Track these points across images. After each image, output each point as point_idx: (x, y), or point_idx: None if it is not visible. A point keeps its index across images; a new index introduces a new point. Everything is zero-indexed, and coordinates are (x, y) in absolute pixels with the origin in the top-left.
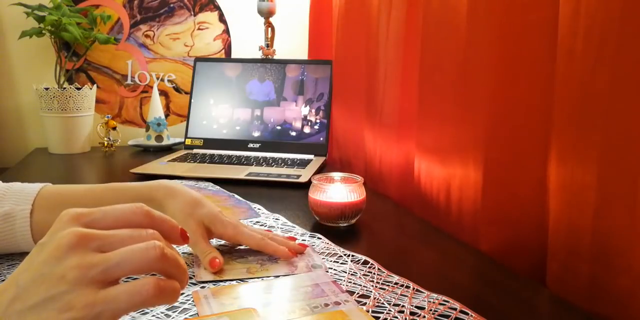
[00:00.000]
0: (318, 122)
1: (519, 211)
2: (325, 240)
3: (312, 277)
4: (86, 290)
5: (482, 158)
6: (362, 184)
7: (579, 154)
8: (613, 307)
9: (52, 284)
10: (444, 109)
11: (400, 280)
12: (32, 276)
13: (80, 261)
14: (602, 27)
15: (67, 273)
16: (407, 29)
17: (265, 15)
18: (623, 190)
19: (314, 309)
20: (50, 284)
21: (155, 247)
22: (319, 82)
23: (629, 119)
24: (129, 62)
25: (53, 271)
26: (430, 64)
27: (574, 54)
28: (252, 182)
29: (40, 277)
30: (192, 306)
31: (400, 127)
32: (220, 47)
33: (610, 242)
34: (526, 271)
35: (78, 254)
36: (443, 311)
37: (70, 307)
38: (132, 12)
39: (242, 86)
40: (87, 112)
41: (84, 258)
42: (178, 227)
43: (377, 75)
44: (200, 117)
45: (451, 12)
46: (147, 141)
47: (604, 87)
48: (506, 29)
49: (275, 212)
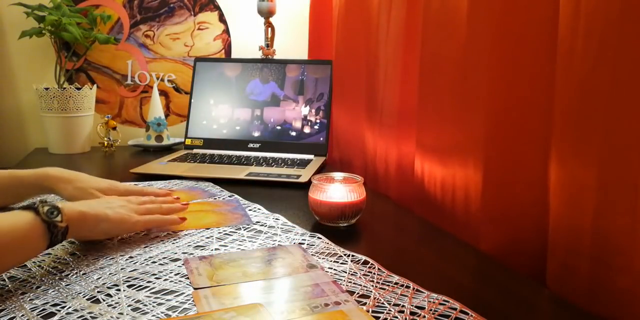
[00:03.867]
0: (318, 122)
1: (519, 211)
2: (325, 240)
3: (312, 277)
4: (133, 211)
5: (482, 158)
6: (362, 184)
7: (579, 153)
8: (613, 306)
9: (121, 203)
10: (444, 109)
11: (400, 280)
12: (108, 200)
13: (132, 203)
14: (602, 27)
15: (126, 204)
16: (407, 29)
17: (265, 15)
18: (623, 190)
19: (314, 309)
20: (120, 203)
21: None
22: (319, 82)
23: (629, 119)
24: (129, 62)
25: (120, 201)
26: (430, 64)
27: (574, 54)
28: (252, 182)
29: (111, 201)
30: (192, 306)
31: (400, 127)
32: (220, 47)
33: (610, 241)
34: (526, 271)
35: (130, 202)
36: (443, 311)
37: (130, 209)
38: (132, 12)
39: (242, 86)
40: (87, 112)
41: (133, 204)
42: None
43: (377, 75)
44: (200, 117)
45: (451, 12)
46: (147, 141)
47: (604, 87)
48: (506, 29)
49: (275, 212)
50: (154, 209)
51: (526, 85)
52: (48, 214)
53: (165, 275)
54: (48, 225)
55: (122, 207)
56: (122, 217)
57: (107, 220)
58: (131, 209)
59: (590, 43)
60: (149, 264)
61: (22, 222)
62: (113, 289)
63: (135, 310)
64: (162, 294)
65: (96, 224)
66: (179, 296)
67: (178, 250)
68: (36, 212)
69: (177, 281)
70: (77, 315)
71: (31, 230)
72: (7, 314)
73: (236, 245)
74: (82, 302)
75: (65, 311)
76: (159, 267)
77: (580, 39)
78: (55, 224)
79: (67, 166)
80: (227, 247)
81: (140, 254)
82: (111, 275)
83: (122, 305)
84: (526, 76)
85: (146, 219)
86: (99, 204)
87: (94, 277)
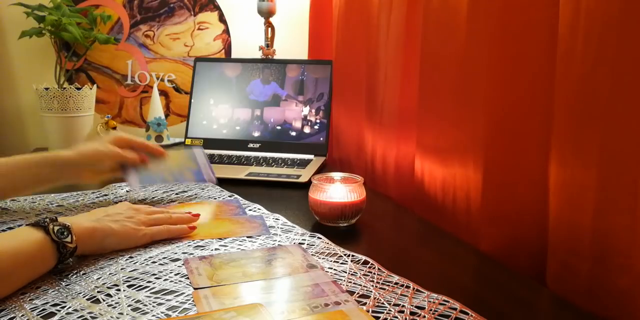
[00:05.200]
0: (318, 122)
1: (519, 211)
2: (325, 240)
3: (312, 277)
4: (141, 223)
5: (482, 158)
6: (362, 184)
7: (579, 153)
8: (613, 306)
9: (128, 215)
10: (444, 109)
11: (400, 280)
12: (115, 211)
13: (141, 214)
14: (602, 27)
15: (134, 215)
16: (407, 29)
17: (265, 15)
18: (623, 190)
19: (314, 309)
20: (127, 215)
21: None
22: (319, 82)
23: (629, 119)
24: (129, 62)
25: (128, 212)
26: (430, 64)
27: (574, 54)
28: (252, 182)
29: (119, 213)
30: (192, 306)
31: (400, 127)
32: (220, 47)
33: (610, 241)
34: (526, 271)
35: (139, 212)
36: (443, 311)
37: (138, 221)
38: (132, 12)
39: (242, 86)
40: (87, 112)
41: (141, 215)
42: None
43: (377, 75)
44: (200, 117)
45: (451, 12)
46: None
47: (604, 87)
48: (506, 29)
49: (275, 212)
50: (163, 219)
51: (526, 85)
52: (58, 235)
53: (165, 275)
54: (58, 245)
55: (129, 219)
56: (128, 231)
57: (114, 235)
58: (139, 220)
59: (590, 43)
60: (149, 264)
61: (32, 242)
62: (113, 289)
63: (135, 310)
64: (162, 294)
65: (103, 239)
66: (179, 296)
67: (178, 250)
68: (46, 231)
69: (177, 281)
70: (77, 315)
71: (41, 251)
72: (7, 314)
73: (236, 245)
74: (82, 302)
75: (65, 311)
76: (159, 267)
77: (580, 39)
78: (65, 244)
79: None
80: (227, 247)
81: (140, 254)
82: (111, 275)
83: (122, 305)
84: (526, 76)
85: (153, 232)
86: (107, 217)
87: (94, 277)
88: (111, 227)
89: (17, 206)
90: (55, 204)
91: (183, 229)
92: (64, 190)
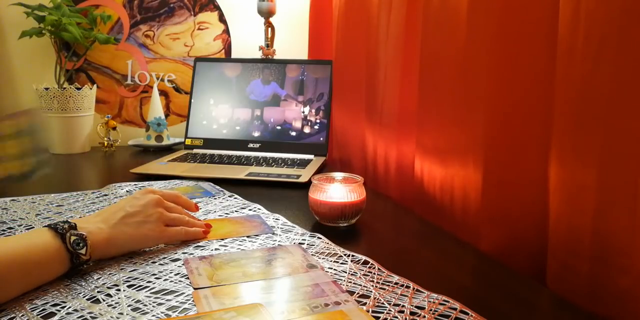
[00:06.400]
0: (318, 122)
1: (519, 211)
2: (325, 240)
3: (312, 277)
4: (160, 221)
5: (482, 158)
6: (362, 184)
7: (579, 153)
8: (613, 306)
9: (147, 213)
10: (444, 109)
11: (400, 280)
12: (134, 209)
13: (160, 210)
14: (602, 27)
15: (153, 213)
16: (407, 29)
17: (265, 15)
18: (623, 190)
19: (314, 309)
20: (146, 213)
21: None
22: (319, 82)
23: (629, 119)
24: (129, 62)
25: (147, 210)
26: (430, 64)
27: (574, 54)
28: (252, 182)
29: (139, 211)
30: (192, 306)
31: (400, 127)
32: (220, 47)
33: (610, 242)
34: (526, 271)
35: (158, 207)
36: (443, 311)
37: (155, 220)
38: (132, 12)
39: (242, 86)
40: (87, 112)
41: (160, 211)
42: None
43: (377, 75)
44: (200, 117)
45: (451, 12)
46: (147, 141)
47: (604, 87)
48: (506, 29)
49: (275, 212)
50: (181, 220)
51: (526, 85)
52: (74, 245)
53: (165, 275)
54: (72, 255)
55: (148, 218)
56: (145, 233)
57: (130, 240)
58: (158, 219)
59: (590, 43)
60: (149, 264)
61: (46, 246)
62: (113, 289)
63: (135, 310)
64: (162, 294)
65: (118, 248)
66: (179, 296)
67: (178, 250)
68: (62, 238)
69: (177, 281)
70: (77, 315)
71: (54, 258)
72: (7, 314)
73: (236, 245)
74: (82, 302)
75: (65, 311)
76: (159, 267)
77: (580, 39)
78: (79, 255)
79: (67, 166)
80: (227, 247)
81: (140, 254)
82: (111, 275)
83: (122, 305)
84: (526, 76)
85: (171, 234)
86: (124, 219)
87: (94, 277)
88: (127, 233)
89: (17, 206)
90: (55, 204)
91: (198, 232)
92: (64, 190)
